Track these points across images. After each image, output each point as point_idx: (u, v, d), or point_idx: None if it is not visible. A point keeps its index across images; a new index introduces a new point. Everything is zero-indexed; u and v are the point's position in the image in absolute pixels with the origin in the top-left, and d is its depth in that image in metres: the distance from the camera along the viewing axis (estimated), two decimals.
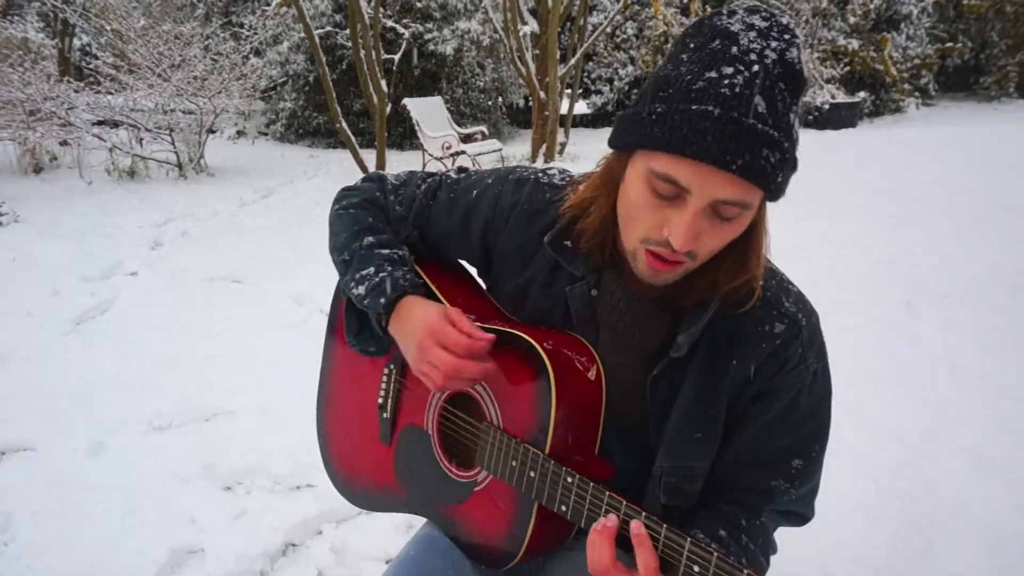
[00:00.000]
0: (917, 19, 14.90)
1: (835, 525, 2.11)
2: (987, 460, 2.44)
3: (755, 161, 0.71)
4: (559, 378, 0.88)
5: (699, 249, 0.79)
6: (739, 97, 0.70)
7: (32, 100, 7.39)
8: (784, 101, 0.72)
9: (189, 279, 4.49)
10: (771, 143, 0.71)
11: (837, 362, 3.32)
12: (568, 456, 0.90)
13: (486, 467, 0.97)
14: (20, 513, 2.19)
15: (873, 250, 4.95)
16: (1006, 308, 3.80)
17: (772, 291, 0.91)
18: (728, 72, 0.72)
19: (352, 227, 1.08)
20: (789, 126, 0.73)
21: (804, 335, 0.90)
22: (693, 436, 0.91)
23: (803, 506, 0.97)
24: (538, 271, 0.98)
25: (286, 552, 2.08)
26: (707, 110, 0.71)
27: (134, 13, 9.29)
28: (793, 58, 0.73)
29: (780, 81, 0.72)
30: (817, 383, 0.92)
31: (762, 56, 0.72)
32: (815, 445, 0.94)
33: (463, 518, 1.03)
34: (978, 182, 7.06)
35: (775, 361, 0.89)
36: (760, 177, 0.72)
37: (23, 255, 4.84)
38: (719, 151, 0.70)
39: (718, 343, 0.89)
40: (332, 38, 10.69)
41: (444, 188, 1.08)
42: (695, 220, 0.75)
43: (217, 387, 3.01)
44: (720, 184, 0.73)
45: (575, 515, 0.86)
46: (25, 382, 3.06)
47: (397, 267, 1.01)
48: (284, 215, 6.34)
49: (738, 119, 0.70)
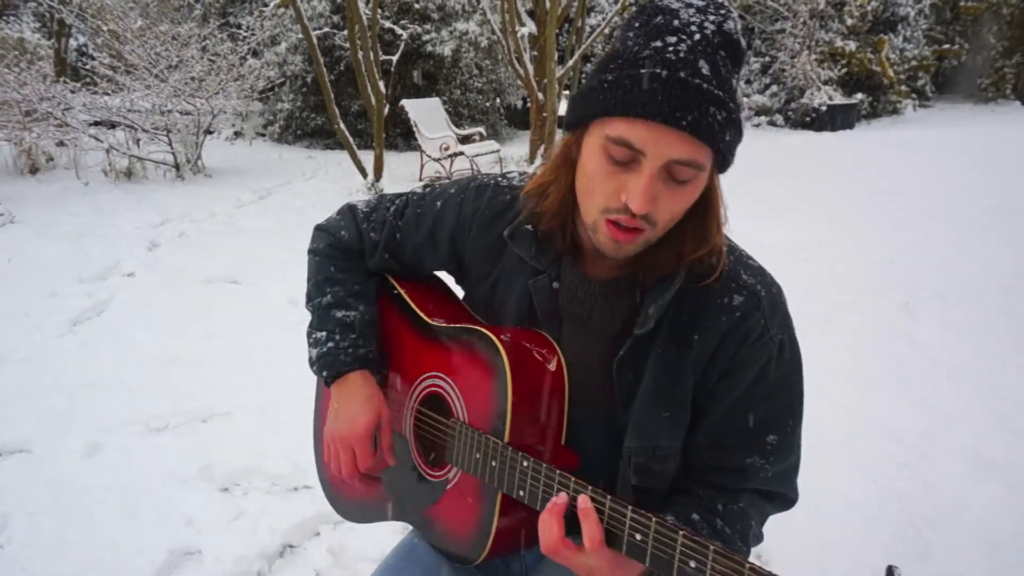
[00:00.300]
0: (914, 21, 14.93)
1: (834, 525, 2.11)
2: (986, 461, 2.44)
3: (703, 118, 0.74)
4: (515, 366, 0.91)
5: (657, 215, 0.80)
6: (684, 61, 0.75)
7: (28, 101, 7.37)
8: (726, 67, 0.77)
9: (186, 280, 4.48)
10: (717, 101, 0.75)
11: (836, 362, 3.30)
12: (531, 446, 0.92)
13: (455, 463, 0.99)
14: (17, 514, 2.18)
15: (871, 251, 4.96)
16: (1004, 309, 3.81)
17: (730, 265, 0.92)
18: (672, 41, 0.76)
19: (316, 276, 1.15)
20: (732, 90, 0.78)
21: (764, 306, 0.90)
22: (661, 415, 0.92)
23: (783, 486, 0.96)
24: (504, 270, 1.01)
25: (284, 553, 2.07)
26: (656, 72, 0.75)
27: (131, 14, 9.27)
28: (731, 29, 0.78)
29: (721, 49, 0.77)
30: (785, 354, 0.92)
31: (702, 27, 0.77)
32: (788, 419, 0.94)
33: (437, 518, 1.05)
34: (975, 183, 7.08)
35: (737, 334, 0.89)
36: (709, 134, 0.75)
37: (19, 256, 4.82)
38: (669, 108, 0.74)
39: (680, 320, 0.90)
40: (330, 39, 10.68)
41: (411, 205, 1.11)
42: (651, 182, 0.78)
43: (215, 388, 3.00)
44: (672, 143, 0.76)
45: (532, 499, 0.87)
46: (22, 383, 3.05)
47: (345, 336, 1.08)
48: (282, 216, 6.33)
49: (685, 79, 0.74)
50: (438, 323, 1.05)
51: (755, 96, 13.75)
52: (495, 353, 0.93)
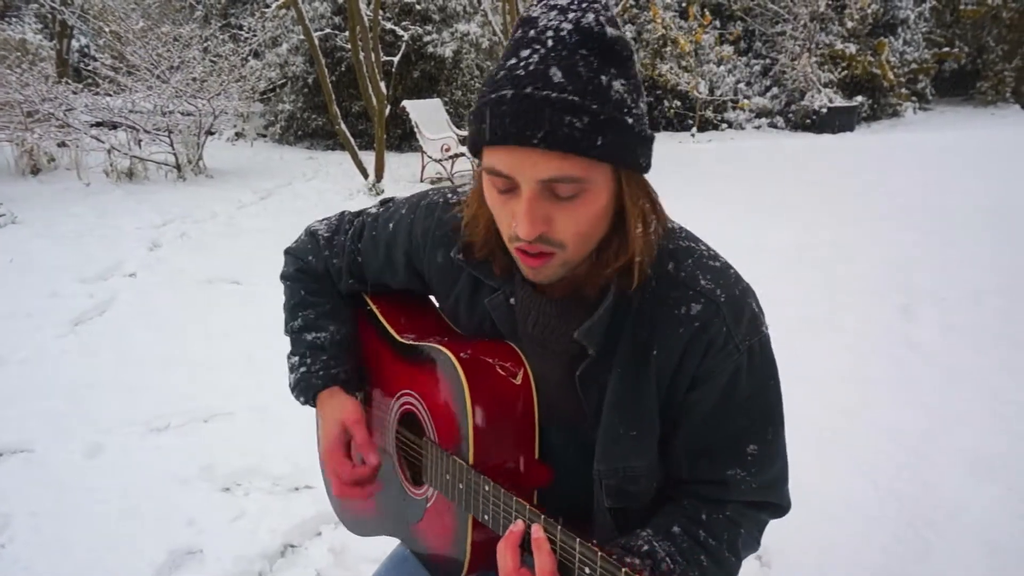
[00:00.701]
0: (914, 24, 14.95)
1: (833, 527, 2.12)
2: (985, 462, 2.45)
3: (558, 130, 0.70)
4: (474, 385, 0.88)
5: (558, 235, 0.77)
6: (533, 74, 0.71)
7: (30, 101, 7.38)
8: (590, 66, 0.71)
9: (187, 280, 4.48)
10: (572, 108, 0.70)
11: (836, 363, 3.30)
12: (500, 464, 0.89)
13: (430, 482, 0.98)
14: (18, 514, 2.19)
15: (871, 253, 4.96)
16: (1003, 311, 3.81)
17: (687, 270, 0.86)
18: (525, 55, 0.72)
19: (289, 301, 1.15)
20: (602, 88, 0.72)
21: (724, 312, 0.84)
22: (628, 434, 0.87)
23: (771, 495, 0.91)
24: (463, 288, 0.98)
25: (285, 553, 2.07)
26: (503, 94, 0.71)
27: (133, 15, 9.28)
28: (590, 23, 0.72)
29: (580, 48, 0.72)
30: (756, 360, 0.87)
31: (557, 30, 0.72)
32: (768, 428, 0.89)
33: (421, 535, 1.04)
34: (975, 186, 7.09)
35: (698, 345, 0.84)
36: (569, 144, 0.70)
37: (21, 256, 4.83)
38: (517, 129, 0.70)
39: (638, 334, 0.85)
40: (331, 40, 10.69)
41: (367, 228, 1.09)
42: (531, 206, 0.74)
43: (215, 388, 3.01)
44: (536, 163, 0.72)
45: (495, 524, 0.84)
46: (23, 383, 3.05)
47: (316, 357, 1.08)
48: (282, 217, 6.34)
49: (530, 94, 0.70)
50: (408, 339, 1.03)
51: (756, 98, 13.76)
52: (453, 372, 0.90)
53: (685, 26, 13.17)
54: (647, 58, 13.31)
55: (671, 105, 13.38)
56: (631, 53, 0.76)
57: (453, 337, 1.00)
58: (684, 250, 0.88)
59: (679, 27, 13.18)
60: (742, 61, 13.99)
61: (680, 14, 13.60)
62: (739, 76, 13.79)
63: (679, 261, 0.87)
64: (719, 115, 13.63)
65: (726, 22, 14.15)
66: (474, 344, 0.95)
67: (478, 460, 0.88)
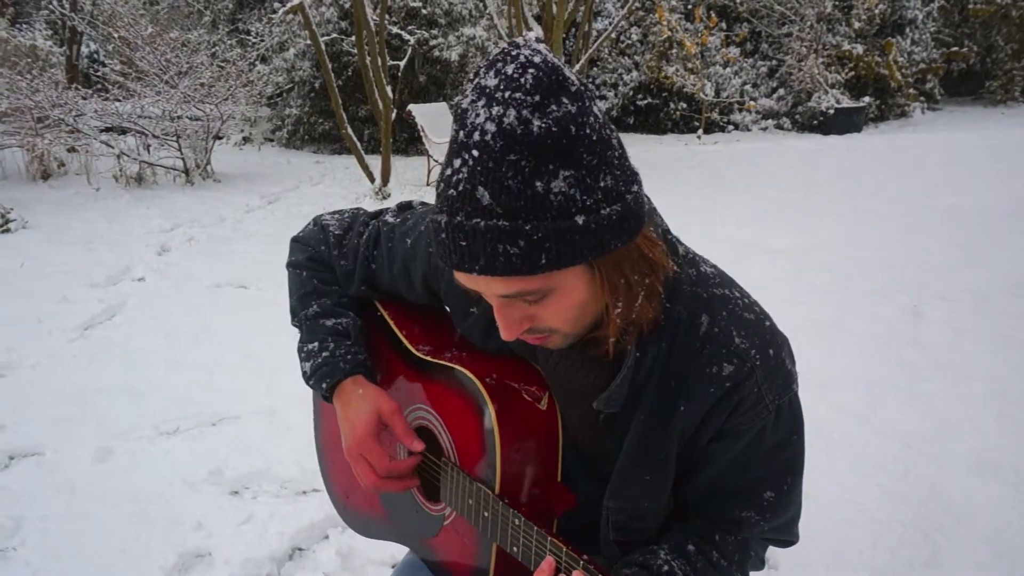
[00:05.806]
0: (922, 24, 14.87)
1: (841, 529, 2.11)
2: (993, 464, 2.43)
3: (494, 260, 0.66)
4: (502, 415, 0.87)
5: (544, 324, 0.77)
6: (462, 196, 0.66)
7: (40, 107, 7.44)
8: (521, 174, 0.64)
9: (196, 285, 4.51)
10: (503, 236, 0.65)
11: (843, 365, 3.28)
12: (524, 489, 0.89)
13: (449, 503, 0.97)
14: (29, 518, 2.21)
15: (878, 254, 4.94)
16: (1012, 312, 3.79)
17: (721, 324, 0.82)
18: (456, 165, 0.67)
19: (300, 290, 1.10)
20: (537, 198, 0.65)
21: (759, 374, 0.81)
22: (642, 477, 0.87)
23: (781, 534, 0.93)
24: (480, 316, 0.95)
25: (293, 556, 2.09)
26: (439, 221, 0.69)
27: (141, 21, 9.35)
28: (512, 124, 0.64)
29: (508, 154, 0.64)
30: (783, 418, 0.86)
31: (483, 132, 0.65)
32: (787, 478, 0.88)
33: (436, 551, 1.04)
34: (983, 186, 7.05)
35: (727, 404, 0.82)
36: (509, 270, 0.67)
37: (32, 261, 4.87)
38: (457, 260, 0.68)
39: (666, 387, 0.83)
40: (338, 45, 10.73)
41: (383, 237, 1.05)
42: (502, 315, 0.75)
43: (224, 392, 3.02)
44: (489, 283, 0.70)
45: (525, 558, 0.84)
46: (34, 388, 3.08)
47: (340, 343, 1.03)
48: (290, 221, 6.36)
49: (460, 223, 0.66)
50: (423, 353, 1.00)
51: (762, 100, 13.73)
52: (482, 401, 0.88)
53: (691, 28, 13.15)
54: (653, 60, 13.30)
55: (677, 107, 13.36)
56: (577, 118, 0.66)
57: (472, 354, 0.98)
58: (719, 300, 0.84)
59: (685, 29, 13.16)
60: (748, 63, 13.95)
61: (686, 16, 13.58)
62: (745, 78, 13.75)
63: (713, 314, 0.83)
64: (725, 117, 13.59)
65: (732, 24, 14.11)
66: (497, 365, 0.93)
67: (504, 490, 0.88)
